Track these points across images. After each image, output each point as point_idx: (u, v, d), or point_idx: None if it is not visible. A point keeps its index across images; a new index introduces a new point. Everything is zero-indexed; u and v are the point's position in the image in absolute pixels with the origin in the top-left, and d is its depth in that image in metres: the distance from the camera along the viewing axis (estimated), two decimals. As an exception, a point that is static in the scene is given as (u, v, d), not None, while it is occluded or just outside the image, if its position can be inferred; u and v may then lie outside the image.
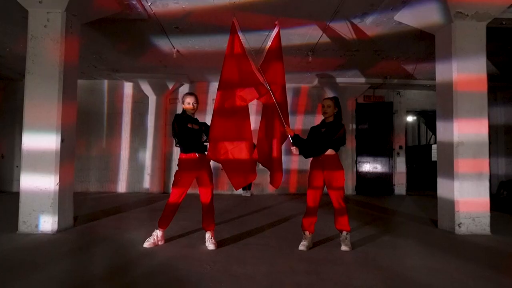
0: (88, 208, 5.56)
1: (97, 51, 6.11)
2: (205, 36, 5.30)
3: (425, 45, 5.43)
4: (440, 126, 4.03)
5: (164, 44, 5.61)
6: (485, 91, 3.72)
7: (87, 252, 3.03)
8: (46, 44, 3.60)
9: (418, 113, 10.76)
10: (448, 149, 3.84)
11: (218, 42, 5.51)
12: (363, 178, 8.02)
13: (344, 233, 3.20)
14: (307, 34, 5.14)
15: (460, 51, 3.70)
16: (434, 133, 11.25)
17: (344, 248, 3.08)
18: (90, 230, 3.84)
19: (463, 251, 3.18)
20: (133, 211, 5.36)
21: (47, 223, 3.50)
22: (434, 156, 10.59)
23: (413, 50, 5.80)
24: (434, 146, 10.67)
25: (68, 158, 3.85)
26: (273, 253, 3.04)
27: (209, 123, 3.28)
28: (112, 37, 5.38)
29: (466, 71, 3.69)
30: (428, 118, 11.17)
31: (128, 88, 8.15)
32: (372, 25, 4.72)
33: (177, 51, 5.83)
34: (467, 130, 3.67)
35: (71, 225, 3.87)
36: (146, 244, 3.09)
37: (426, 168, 10.67)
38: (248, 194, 7.63)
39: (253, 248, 3.17)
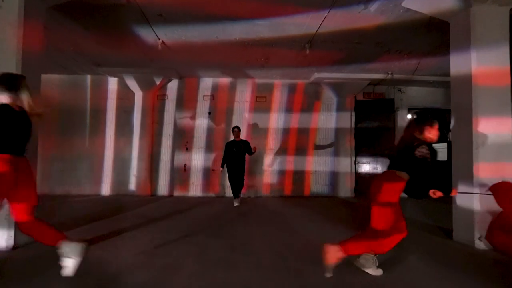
0: (64, 214, 5.04)
1: (75, 43, 5.57)
2: (192, 26, 4.80)
3: (431, 37, 5.03)
4: (455, 125, 3.58)
5: (147, 34, 5.09)
6: (508, 85, 3.27)
7: (47, 272, 2.54)
8: (2, 28, 3.08)
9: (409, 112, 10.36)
10: (466, 151, 3.39)
11: (207, 32, 5.02)
12: (362, 180, 7.59)
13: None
14: (305, 23, 4.66)
15: (479, 40, 3.25)
16: (435, 132, 10.86)
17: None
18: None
19: (486, 271, 2.73)
20: (114, 218, 4.84)
21: (1, 238, 3.00)
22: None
23: (418, 43, 5.36)
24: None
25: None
26: (265, 275, 2.56)
27: (199, 122, 2.75)
28: (89, 26, 4.86)
29: (486, 63, 3.24)
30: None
31: (112, 83, 7.61)
32: (376, 13, 4.28)
33: (162, 42, 5.33)
34: (488, 130, 3.22)
35: (32, 240, 3.35)
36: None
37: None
38: (237, 203, 6.13)
39: (242, 268, 2.69)
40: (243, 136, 6.70)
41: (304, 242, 3.51)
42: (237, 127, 6.26)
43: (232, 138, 6.29)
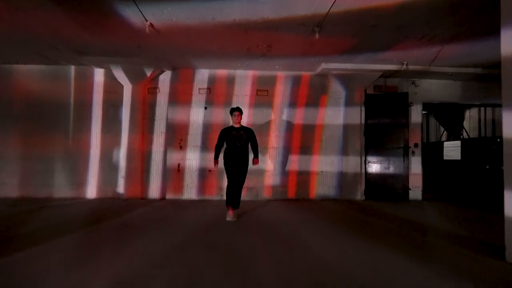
0: (37, 222, 4.36)
1: (53, 27, 4.87)
2: (184, 3, 4.11)
3: (459, 18, 4.38)
4: (508, 117, 2.92)
5: (133, 14, 4.39)
6: None
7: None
8: None
9: (426, 107, 9.74)
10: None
11: (201, 12, 4.33)
12: (373, 181, 6.94)
13: None
14: (315, 1, 3.98)
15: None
16: (446, 129, 10.23)
17: None
18: (10, 268, 2.64)
19: None
20: (94, 227, 4.17)
21: None
22: (446, 155, 9.60)
23: (443, 27, 4.69)
24: (446, 144, 9.67)
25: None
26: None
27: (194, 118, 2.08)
28: (67, 5, 4.17)
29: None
30: (439, 112, 10.13)
31: (99, 75, 6.91)
32: (402, -14, 3.61)
33: (150, 24, 4.63)
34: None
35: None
36: None
37: (438, 168, 9.67)
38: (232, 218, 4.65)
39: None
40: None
41: (320, 264, 2.85)
42: (238, 108, 4.79)
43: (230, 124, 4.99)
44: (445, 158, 9.70)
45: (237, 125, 4.80)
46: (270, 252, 3.17)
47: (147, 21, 4.55)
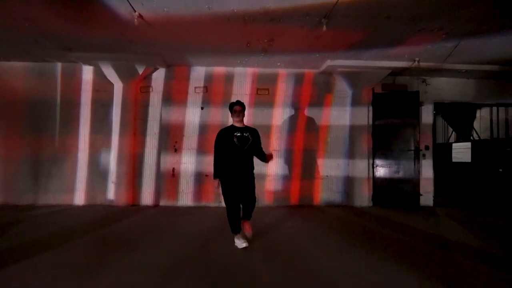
0: (16, 235, 3.91)
1: (32, 19, 4.40)
2: (176, -9, 3.66)
3: (480, 11, 3.97)
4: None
5: (119, 4, 3.93)
6: None
7: None
8: None
9: (435, 106, 9.31)
10: None
11: (196, 1, 3.86)
12: (381, 186, 6.49)
13: None
14: (324, -13, 3.54)
15: None
16: (455, 129, 9.78)
17: None
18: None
19: None
20: (75, 243, 3.71)
21: None
22: (455, 157, 9.16)
23: (463, 19, 4.24)
24: (455, 145, 9.22)
25: None
26: None
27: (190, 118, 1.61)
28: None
29: None
30: (448, 112, 9.67)
31: (87, 72, 6.43)
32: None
33: (139, 15, 4.17)
34: None
35: None
36: None
37: (446, 171, 9.22)
38: (243, 243, 3.60)
39: None
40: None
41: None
42: (239, 102, 3.78)
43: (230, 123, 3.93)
44: (453, 160, 9.26)
45: (239, 124, 3.75)
46: (276, 277, 2.71)
47: (135, 11, 4.09)
